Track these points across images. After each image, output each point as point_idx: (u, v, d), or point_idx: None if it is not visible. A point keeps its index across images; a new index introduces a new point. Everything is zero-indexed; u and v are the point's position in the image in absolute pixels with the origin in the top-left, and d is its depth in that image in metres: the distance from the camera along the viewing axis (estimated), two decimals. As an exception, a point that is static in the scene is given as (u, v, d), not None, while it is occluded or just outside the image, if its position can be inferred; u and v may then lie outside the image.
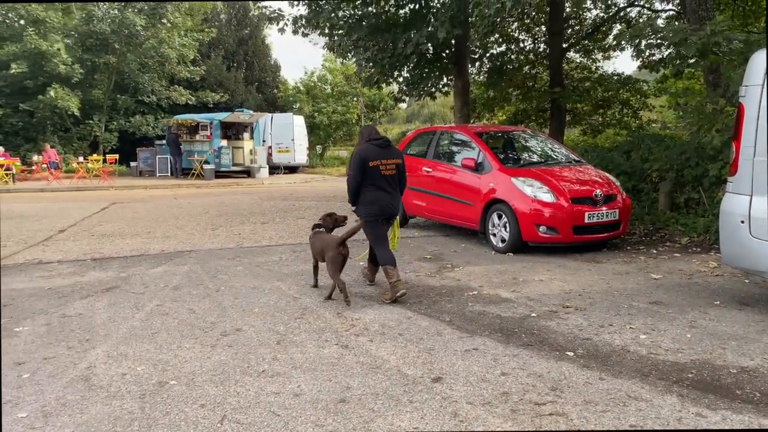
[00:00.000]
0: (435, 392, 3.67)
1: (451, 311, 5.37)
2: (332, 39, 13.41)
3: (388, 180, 5.87)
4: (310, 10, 12.81)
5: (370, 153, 5.82)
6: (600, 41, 16.01)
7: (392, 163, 5.90)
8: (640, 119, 16.15)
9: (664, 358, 4.20)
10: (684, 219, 9.11)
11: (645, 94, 15.86)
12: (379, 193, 5.84)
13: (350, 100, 32.70)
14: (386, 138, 6.11)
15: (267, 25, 19.53)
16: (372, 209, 5.84)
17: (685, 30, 7.63)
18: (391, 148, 6.00)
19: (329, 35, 13.39)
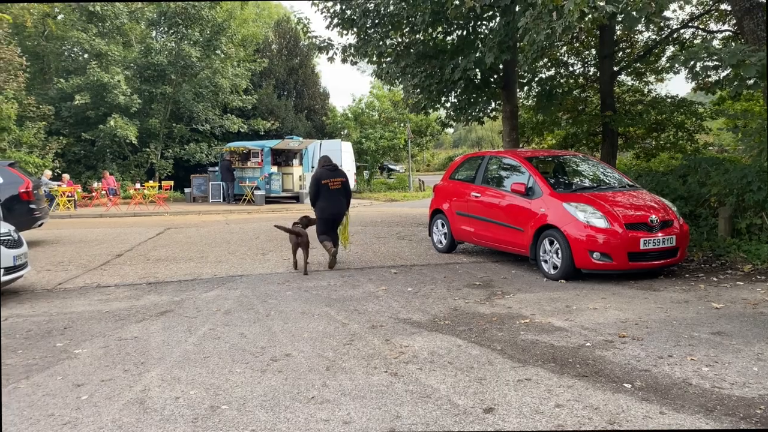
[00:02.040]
0: (487, 423, 3.58)
1: (502, 339, 5.27)
2: (380, 66, 13.57)
3: (334, 193, 8.88)
4: (358, 39, 13.03)
5: (322, 175, 8.91)
6: (653, 63, 15.68)
7: (338, 181, 8.97)
8: (696, 142, 15.66)
9: (730, 392, 4.00)
10: (746, 245, 8.73)
11: (701, 116, 15.40)
12: (328, 202, 8.84)
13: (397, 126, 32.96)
14: (334, 164, 9.20)
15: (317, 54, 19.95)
16: (322, 212, 8.82)
17: (744, 51, 7.39)
18: (337, 171, 9.10)
19: (377, 63, 13.56)
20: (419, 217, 16.49)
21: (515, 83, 13.69)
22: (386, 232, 13.27)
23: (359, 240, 11.90)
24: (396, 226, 14.55)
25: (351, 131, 32.88)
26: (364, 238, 12.20)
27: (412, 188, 30.47)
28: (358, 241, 11.71)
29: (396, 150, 32.70)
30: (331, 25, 12.95)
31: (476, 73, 12.32)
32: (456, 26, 12.70)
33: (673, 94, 16.12)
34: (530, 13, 8.06)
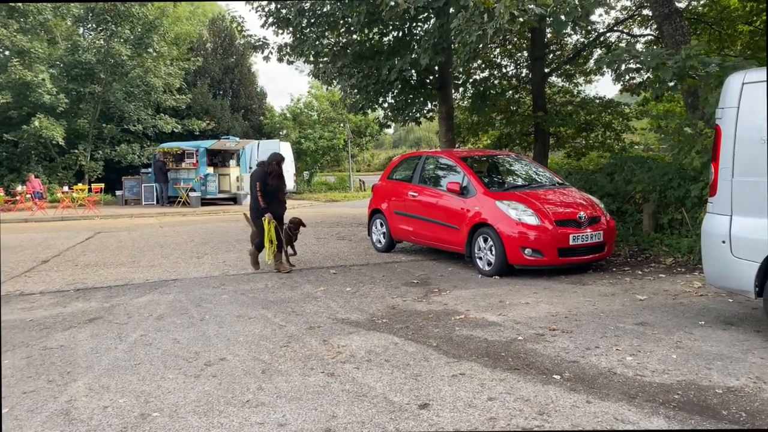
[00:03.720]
0: (422, 419, 3.64)
1: (438, 336, 5.35)
2: (317, 66, 13.53)
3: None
4: (294, 39, 12.93)
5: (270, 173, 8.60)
6: (581, 66, 16.28)
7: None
8: (623, 141, 16.36)
9: (651, 379, 4.20)
10: (668, 240, 9.19)
11: (627, 116, 16.10)
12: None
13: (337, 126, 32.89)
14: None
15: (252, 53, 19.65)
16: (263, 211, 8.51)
17: (662, 54, 7.78)
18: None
19: (314, 63, 13.51)
20: (359, 217, 16.50)
21: (450, 84, 13.92)
22: (326, 233, 13.22)
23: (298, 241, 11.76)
24: (336, 227, 14.52)
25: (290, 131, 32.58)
26: (303, 239, 12.08)
27: (353, 188, 30.47)
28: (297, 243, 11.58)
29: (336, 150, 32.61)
30: (266, 24, 12.80)
31: (412, 74, 12.46)
32: (392, 27, 12.80)
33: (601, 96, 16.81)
34: (462, 15, 8.22)
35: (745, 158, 4.90)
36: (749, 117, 4.88)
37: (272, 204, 8.38)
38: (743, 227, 4.92)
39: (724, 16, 15.29)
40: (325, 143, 31.94)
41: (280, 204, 8.61)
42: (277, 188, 8.48)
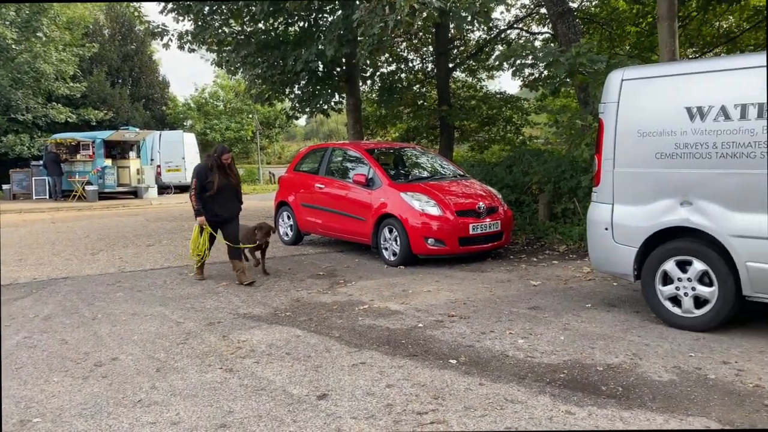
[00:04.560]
0: (320, 410, 3.65)
1: (341, 327, 5.37)
2: (220, 55, 13.15)
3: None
4: (196, 26, 12.50)
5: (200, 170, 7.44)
6: (484, 61, 16.81)
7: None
8: (523, 135, 17.07)
9: (540, 360, 4.43)
10: (561, 228, 9.70)
11: (526, 111, 16.81)
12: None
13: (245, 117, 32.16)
14: None
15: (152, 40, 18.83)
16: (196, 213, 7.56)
17: (555, 51, 8.18)
18: None
19: (217, 51, 13.13)
20: (268, 209, 16.19)
21: (358, 77, 13.96)
22: (231, 227, 12.90)
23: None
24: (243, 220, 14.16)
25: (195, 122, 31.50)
26: (207, 233, 11.78)
27: (263, 181, 29.94)
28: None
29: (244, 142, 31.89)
30: (165, 10, 12.28)
31: (318, 65, 12.37)
32: (297, 17, 12.65)
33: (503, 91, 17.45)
34: (365, 6, 8.25)
35: (625, 150, 5.25)
36: (628, 111, 5.23)
37: (215, 205, 7.10)
38: (623, 215, 5.28)
39: (614, 17, 16.28)
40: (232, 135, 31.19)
41: (228, 205, 7.22)
42: (225, 186, 7.10)
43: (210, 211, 7.10)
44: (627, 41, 17.08)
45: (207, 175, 7.03)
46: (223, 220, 7.25)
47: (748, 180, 4.55)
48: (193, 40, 12.66)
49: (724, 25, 17.03)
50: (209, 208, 7.09)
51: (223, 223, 7.27)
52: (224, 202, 7.17)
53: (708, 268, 4.80)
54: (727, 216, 4.65)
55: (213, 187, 6.99)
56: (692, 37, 16.51)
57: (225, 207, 7.20)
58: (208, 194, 7.01)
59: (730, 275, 4.68)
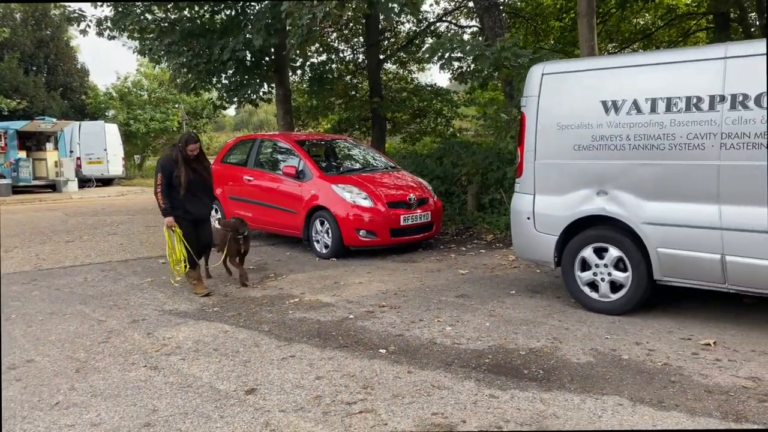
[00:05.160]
0: (248, 404, 3.62)
1: (270, 321, 5.33)
2: (143, 43, 12.66)
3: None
4: (115, 12, 11.97)
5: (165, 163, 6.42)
6: (414, 54, 16.93)
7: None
8: (453, 127, 17.34)
9: (466, 346, 4.56)
10: (489, 218, 9.96)
11: (456, 104, 17.08)
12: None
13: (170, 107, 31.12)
14: None
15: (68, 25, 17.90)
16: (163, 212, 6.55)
17: (481, 45, 8.36)
18: None
19: (139, 39, 12.63)
20: (195, 203, 15.83)
21: (287, 67, 13.78)
22: (157, 220, 12.48)
23: (125, 230, 11.09)
24: (169, 214, 13.79)
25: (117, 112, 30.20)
26: (131, 228, 11.39)
27: (190, 173, 29.07)
28: (123, 232, 10.90)
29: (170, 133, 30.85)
30: (82, -6, 11.70)
31: (246, 54, 12.12)
32: (223, 5, 12.34)
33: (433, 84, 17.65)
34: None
35: (545, 143, 5.44)
36: (548, 105, 5.42)
37: (186, 202, 6.14)
38: (544, 205, 5.48)
39: (539, 12, 16.79)
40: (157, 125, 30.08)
41: (199, 202, 6.29)
42: (195, 182, 6.15)
43: (180, 207, 6.14)
44: (551, 36, 17.65)
45: (172, 168, 6.04)
46: (197, 219, 6.33)
47: (658, 170, 4.83)
48: (113, 27, 12.13)
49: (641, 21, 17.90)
50: (179, 205, 6.13)
51: (196, 223, 6.34)
52: (194, 200, 6.20)
53: (623, 255, 5.06)
54: (640, 204, 4.92)
55: (180, 182, 6.02)
56: (612, 33, 17.25)
57: (197, 203, 6.26)
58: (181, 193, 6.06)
59: (643, 261, 4.96)
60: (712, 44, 6.19)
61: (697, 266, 4.71)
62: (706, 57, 4.69)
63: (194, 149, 6.12)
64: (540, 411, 3.45)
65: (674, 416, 3.34)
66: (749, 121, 4.40)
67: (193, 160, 6.14)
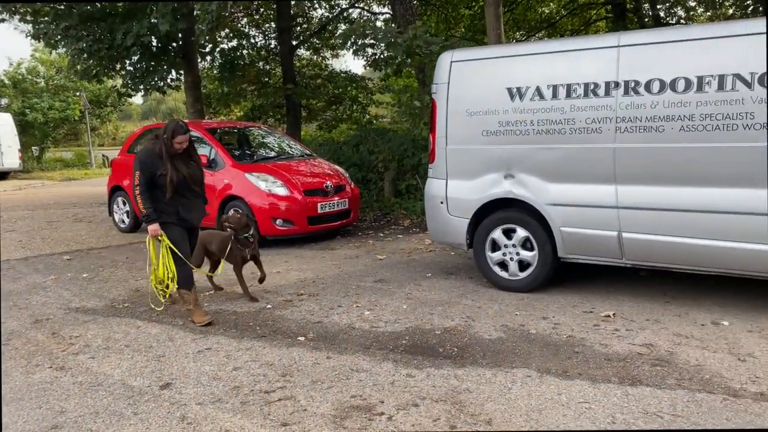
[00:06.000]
0: (163, 399, 3.54)
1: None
2: (37, 27, 11.86)
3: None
4: (4, -8, 11.16)
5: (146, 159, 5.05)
6: (327, 40, 16.83)
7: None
8: (369, 114, 17.42)
9: (384, 329, 4.65)
10: (406, 203, 10.12)
11: (371, 91, 17.16)
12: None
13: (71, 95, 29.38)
14: None
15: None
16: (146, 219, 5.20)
17: (393, 32, 8.43)
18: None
19: (33, 22, 11.82)
20: (102, 196, 15.07)
21: (195, 53, 13.33)
22: (60, 215, 11.86)
23: (24, 227, 10.43)
24: (73, 208, 13.10)
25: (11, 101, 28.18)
26: (31, 224, 10.72)
27: (95, 165, 27.66)
28: (23, 228, 10.25)
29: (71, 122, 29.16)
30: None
31: (152, 40, 11.63)
32: (125, -12, 11.75)
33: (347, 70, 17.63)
34: (200, -19, 7.90)
35: (455, 128, 5.60)
36: (457, 92, 5.57)
37: (178, 205, 4.91)
38: (456, 189, 5.64)
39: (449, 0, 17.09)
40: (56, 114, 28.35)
41: (193, 206, 5.08)
42: (188, 180, 4.90)
43: (170, 213, 4.89)
44: (462, 24, 18.04)
45: (156, 165, 4.78)
46: (192, 226, 5.13)
47: (560, 154, 5.08)
48: (2, 9, 11.29)
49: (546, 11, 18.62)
50: (168, 210, 4.88)
51: (188, 232, 5.09)
52: (187, 203, 4.97)
53: (529, 235, 5.31)
54: (544, 187, 5.17)
55: (167, 181, 4.76)
56: (519, 22, 17.85)
57: (192, 208, 5.03)
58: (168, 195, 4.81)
59: (548, 240, 5.22)
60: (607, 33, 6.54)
61: (597, 243, 5.01)
62: (601, 45, 4.97)
63: (183, 142, 4.80)
64: (454, 387, 3.59)
65: (578, 384, 3.57)
66: (641, 106, 4.72)
67: (182, 155, 4.88)
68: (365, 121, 16.79)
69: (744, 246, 4.42)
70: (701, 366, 3.75)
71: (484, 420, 3.18)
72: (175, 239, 4.90)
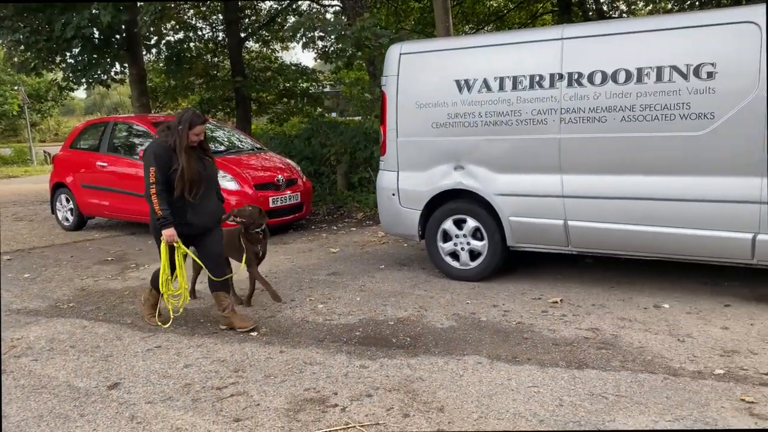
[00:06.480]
0: (111, 399, 3.46)
1: (133, 313, 5.09)
2: (-33, 17, 11.30)
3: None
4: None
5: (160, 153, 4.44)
6: (276, 32, 16.60)
7: None
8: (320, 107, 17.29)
9: (337, 322, 4.65)
10: (359, 196, 10.13)
11: (322, 83, 17.03)
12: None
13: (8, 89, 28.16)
14: None
15: None
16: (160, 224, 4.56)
17: (342, 24, 8.40)
18: None
19: (-38, 12, 11.25)
20: (44, 193, 14.53)
21: (140, 45, 12.96)
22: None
23: None
24: (12, 206, 12.61)
25: (-57, 95, 26.86)
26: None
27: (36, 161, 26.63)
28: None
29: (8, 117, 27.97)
30: None
31: (94, 31, 11.23)
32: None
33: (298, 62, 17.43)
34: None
35: (406, 121, 5.63)
36: (406, 84, 5.60)
37: (187, 209, 4.36)
38: (407, 181, 5.69)
39: (399, -7, 17.11)
40: (-7, 109, 27.14)
41: (207, 206, 4.50)
42: (201, 178, 4.35)
43: (177, 215, 4.34)
44: (412, 16, 18.10)
45: (170, 160, 4.26)
46: (200, 232, 4.53)
47: (508, 145, 5.18)
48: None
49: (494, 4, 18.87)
50: (175, 213, 4.33)
51: (200, 235, 4.55)
52: (202, 203, 4.40)
53: (479, 225, 5.40)
54: (492, 177, 5.26)
55: (184, 180, 4.24)
56: (468, 15, 18.03)
57: (202, 211, 4.44)
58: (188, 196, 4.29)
59: (497, 230, 5.32)
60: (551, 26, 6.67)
61: (544, 232, 5.14)
62: (545, 38, 5.08)
63: (201, 134, 4.35)
64: (407, 376, 3.63)
65: (527, 369, 3.66)
66: (584, 97, 4.85)
67: (196, 150, 4.38)
68: (317, 114, 16.66)
69: (682, 231, 4.60)
70: (644, 348, 3.90)
71: (436, 407, 3.23)
72: None
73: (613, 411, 3.11)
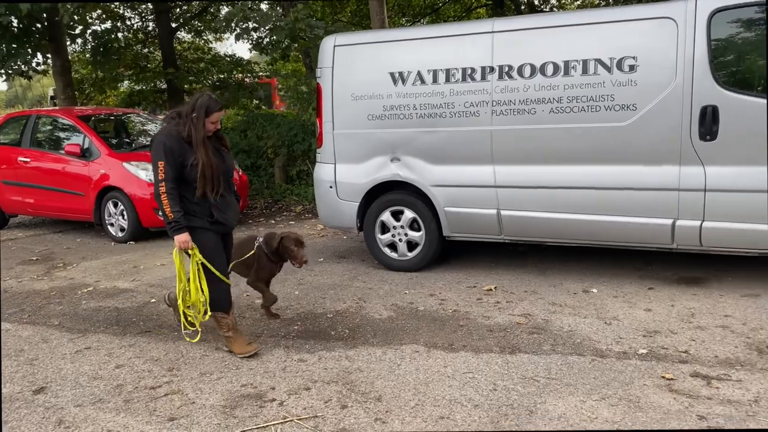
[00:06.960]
0: (37, 404, 3.33)
1: (61, 313, 4.90)
2: None
3: None
4: None
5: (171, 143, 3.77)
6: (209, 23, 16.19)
7: None
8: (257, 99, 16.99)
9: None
10: (297, 189, 10.04)
11: (258, 75, 16.73)
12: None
13: None
14: None
15: None
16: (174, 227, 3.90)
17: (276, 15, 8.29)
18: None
19: None
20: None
21: (64, 35, 12.36)
22: None
23: None
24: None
25: None
26: None
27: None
28: None
29: None
30: None
31: (12, 20, 10.63)
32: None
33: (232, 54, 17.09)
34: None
35: (342, 113, 5.62)
36: (342, 76, 5.58)
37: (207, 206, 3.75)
38: (345, 173, 5.68)
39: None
40: None
41: (227, 203, 3.93)
42: (217, 171, 3.69)
43: (203, 215, 3.76)
44: (348, 9, 18.02)
45: (184, 152, 3.64)
46: (228, 232, 4.09)
47: (442, 137, 5.25)
48: None
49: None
50: (200, 211, 3.75)
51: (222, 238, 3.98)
52: (221, 200, 3.80)
53: (416, 216, 5.46)
54: (428, 169, 5.33)
55: (206, 177, 3.62)
56: (404, 7, 18.11)
57: (226, 208, 3.89)
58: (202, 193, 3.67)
59: (434, 220, 5.40)
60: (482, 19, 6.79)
61: (478, 221, 5.25)
62: (476, 31, 5.17)
63: (217, 122, 3.75)
64: (345, 367, 3.64)
65: (462, 356, 3.74)
66: (514, 90, 4.97)
67: (211, 140, 3.76)
68: (253, 106, 16.38)
69: (608, 219, 4.80)
70: (573, 331, 4.05)
71: (374, 397, 3.26)
72: (210, 250, 3.77)
73: (544, 393, 3.23)
